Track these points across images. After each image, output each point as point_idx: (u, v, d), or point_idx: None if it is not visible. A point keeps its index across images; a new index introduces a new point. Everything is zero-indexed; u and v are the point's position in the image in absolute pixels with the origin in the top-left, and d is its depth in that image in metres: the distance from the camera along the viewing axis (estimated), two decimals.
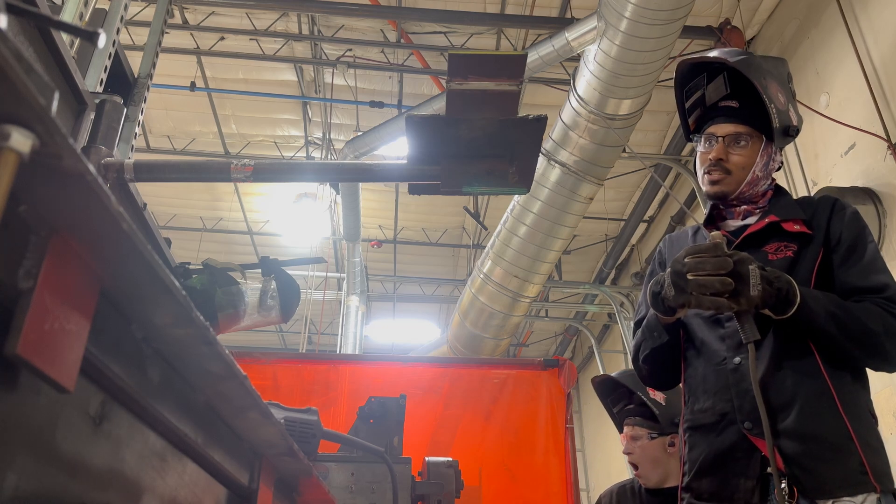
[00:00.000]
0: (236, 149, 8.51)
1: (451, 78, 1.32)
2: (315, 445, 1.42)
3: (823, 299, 1.41)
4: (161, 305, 0.56)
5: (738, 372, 1.47)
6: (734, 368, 1.48)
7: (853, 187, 4.76)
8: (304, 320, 10.34)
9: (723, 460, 1.44)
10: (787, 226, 1.56)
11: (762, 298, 1.35)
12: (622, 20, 4.53)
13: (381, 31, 7.02)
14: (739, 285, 1.34)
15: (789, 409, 1.41)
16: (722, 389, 1.48)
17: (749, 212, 1.67)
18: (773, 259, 1.53)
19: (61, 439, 0.53)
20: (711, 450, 1.46)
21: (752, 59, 1.64)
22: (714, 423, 1.48)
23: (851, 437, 1.37)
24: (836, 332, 1.39)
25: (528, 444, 3.39)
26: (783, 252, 1.54)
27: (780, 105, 1.62)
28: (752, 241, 1.57)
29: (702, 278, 1.36)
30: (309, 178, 1.69)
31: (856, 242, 1.52)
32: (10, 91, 0.34)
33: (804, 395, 1.42)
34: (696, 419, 1.51)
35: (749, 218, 1.67)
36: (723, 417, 1.47)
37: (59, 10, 2.23)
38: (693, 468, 1.49)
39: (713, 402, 1.49)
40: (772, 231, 1.57)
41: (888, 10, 4.66)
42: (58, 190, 0.41)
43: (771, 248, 1.56)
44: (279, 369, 3.51)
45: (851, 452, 1.36)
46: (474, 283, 7.20)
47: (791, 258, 1.52)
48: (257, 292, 1.46)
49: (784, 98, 1.66)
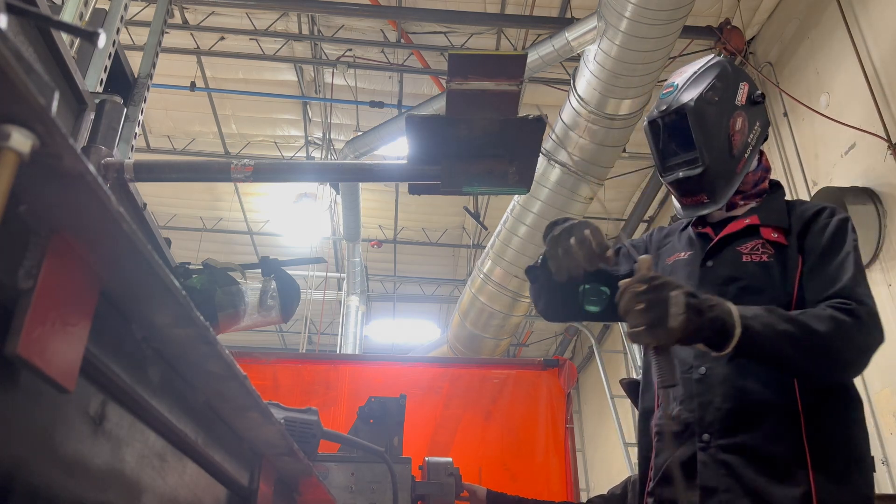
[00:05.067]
0: (236, 149, 8.51)
1: (451, 78, 1.32)
2: (315, 445, 1.42)
3: (769, 317, 1.25)
4: (161, 305, 0.56)
5: (702, 382, 1.39)
6: (699, 379, 1.40)
7: (853, 187, 4.76)
8: (304, 320, 10.34)
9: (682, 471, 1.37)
10: (765, 231, 1.47)
11: (685, 330, 1.14)
12: (622, 20, 4.53)
13: (381, 31, 7.02)
14: (656, 314, 1.14)
15: (749, 426, 1.33)
16: (687, 399, 1.41)
17: (735, 203, 1.57)
18: (747, 261, 1.44)
19: (61, 439, 0.53)
20: (674, 459, 1.40)
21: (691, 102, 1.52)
22: (679, 432, 1.41)
23: (807, 463, 1.27)
24: (791, 351, 1.25)
25: (528, 444, 3.39)
26: (759, 255, 1.44)
27: (720, 94, 1.53)
28: (730, 238, 1.50)
29: (623, 305, 1.18)
30: (309, 178, 1.70)
31: (828, 251, 1.41)
32: (10, 91, 0.34)
33: (767, 412, 1.33)
34: (665, 425, 1.46)
35: (735, 210, 1.58)
36: (686, 427, 1.40)
37: (59, 10, 2.23)
38: (657, 474, 1.44)
39: (680, 410, 1.42)
40: (751, 230, 1.49)
41: (888, 10, 4.66)
42: (58, 190, 0.41)
43: (746, 247, 1.47)
44: (279, 369, 3.51)
45: (799, 481, 1.26)
46: (474, 283, 7.19)
47: (766, 263, 1.43)
48: (257, 292, 1.46)
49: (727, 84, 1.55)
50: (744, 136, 1.53)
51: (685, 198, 1.56)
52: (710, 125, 1.51)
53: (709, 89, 1.52)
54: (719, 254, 1.50)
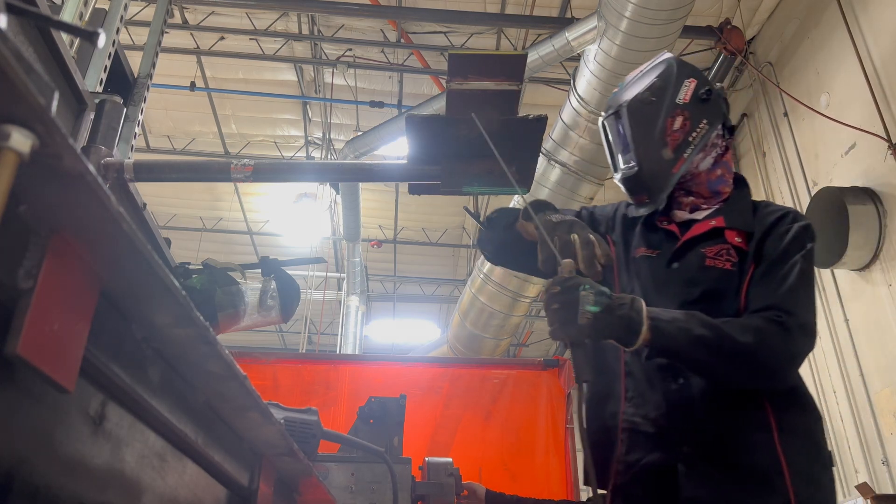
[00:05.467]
0: (236, 149, 8.51)
1: (451, 78, 1.32)
2: (315, 445, 1.42)
3: (687, 322, 1.27)
4: (161, 305, 0.56)
5: (681, 393, 1.38)
6: (677, 389, 1.38)
7: (853, 187, 4.76)
8: (304, 320, 10.34)
9: (655, 478, 1.37)
10: (730, 235, 1.45)
11: (593, 327, 1.19)
12: (622, 20, 4.53)
13: (381, 31, 7.02)
14: (567, 313, 1.19)
15: (723, 440, 1.34)
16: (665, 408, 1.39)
17: (697, 205, 1.55)
18: (710, 265, 1.42)
19: (61, 439, 0.53)
20: (647, 462, 1.38)
21: (626, 102, 1.53)
22: (653, 434, 1.39)
23: (783, 471, 1.29)
24: (707, 356, 1.27)
25: (528, 444, 3.39)
26: (723, 260, 1.43)
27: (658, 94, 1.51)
28: (695, 240, 1.48)
29: (544, 305, 1.23)
30: (309, 178, 1.70)
31: (778, 261, 1.39)
32: (10, 91, 0.34)
33: (740, 425, 1.34)
34: (638, 424, 1.42)
35: (697, 212, 1.55)
36: (661, 433, 1.39)
37: (59, 10, 2.23)
38: (628, 473, 1.42)
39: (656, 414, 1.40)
40: (717, 232, 1.47)
41: (888, 10, 4.66)
42: (58, 190, 0.41)
43: (712, 250, 1.45)
44: (279, 369, 3.51)
45: (778, 490, 1.28)
46: (474, 283, 7.20)
47: (729, 271, 1.41)
48: (257, 292, 1.46)
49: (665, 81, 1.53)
50: (683, 134, 1.50)
51: (631, 196, 1.57)
52: (644, 125, 1.50)
53: (647, 89, 1.52)
54: (684, 256, 1.48)
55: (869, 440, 4.66)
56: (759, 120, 6.35)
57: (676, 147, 1.50)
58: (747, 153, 6.60)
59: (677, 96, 1.52)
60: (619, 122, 1.55)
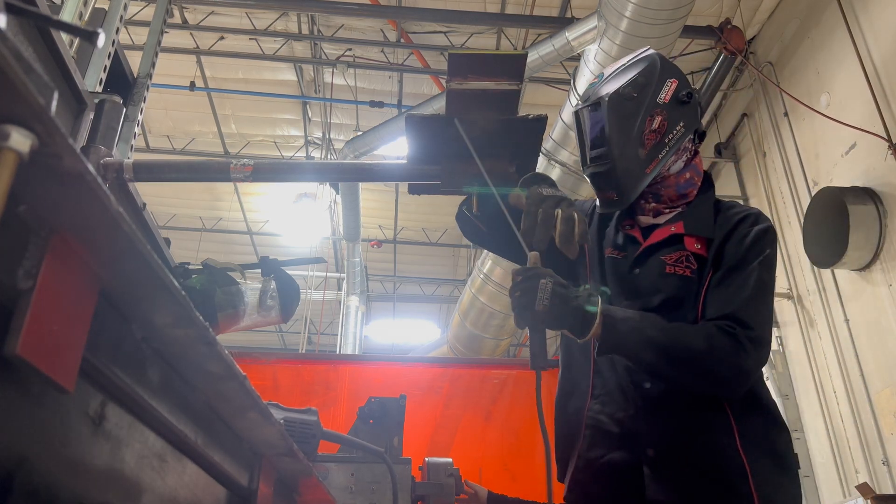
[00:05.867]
0: (236, 149, 8.51)
1: (451, 78, 1.32)
2: (315, 446, 1.42)
3: (640, 323, 1.28)
4: (161, 306, 0.56)
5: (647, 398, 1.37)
6: (644, 394, 1.38)
7: (853, 187, 4.76)
8: (303, 320, 10.34)
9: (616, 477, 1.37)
10: (689, 242, 1.44)
11: (549, 314, 1.21)
12: (622, 20, 4.53)
13: (381, 31, 7.02)
14: (526, 299, 1.21)
15: (686, 444, 1.34)
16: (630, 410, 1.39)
17: (659, 210, 1.54)
18: (670, 272, 1.41)
19: (61, 439, 0.52)
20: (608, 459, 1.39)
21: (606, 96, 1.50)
22: (617, 433, 1.39)
23: (747, 475, 1.30)
24: (656, 358, 1.29)
25: (528, 445, 3.39)
26: (682, 267, 1.42)
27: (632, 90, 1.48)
28: (655, 247, 1.46)
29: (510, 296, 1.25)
30: (309, 178, 1.70)
31: (736, 267, 1.38)
32: (10, 91, 0.34)
33: (703, 429, 1.34)
34: (602, 423, 1.42)
35: (660, 217, 1.54)
36: (625, 433, 1.38)
37: (58, 10, 2.23)
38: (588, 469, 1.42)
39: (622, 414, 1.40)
40: (676, 239, 1.45)
41: (889, 10, 4.66)
42: (57, 190, 0.41)
43: (671, 257, 1.43)
44: (279, 369, 3.51)
45: (743, 495, 1.29)
46: (474, 283, 7.20)
47: (689, 278, 1.40)
48: (257, 292, 1.46)
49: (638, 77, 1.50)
50: (660, 135, 1.47)
51: (598, 192, 1.53)
52: (623, 121, 1.47)
53: (629, 84, 1.48)
54: (645, 262, 1.47)
55: (869, 440, 4.66)
56: (759, 120, 6.35)
57: (652, 147, 1.47)
58: (747, 153, 6.60)
59: (658, 95, 1.49)
60: (596, 115, 1.52)
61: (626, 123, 1.47)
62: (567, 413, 1.51)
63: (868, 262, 4.69)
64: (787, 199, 5.72)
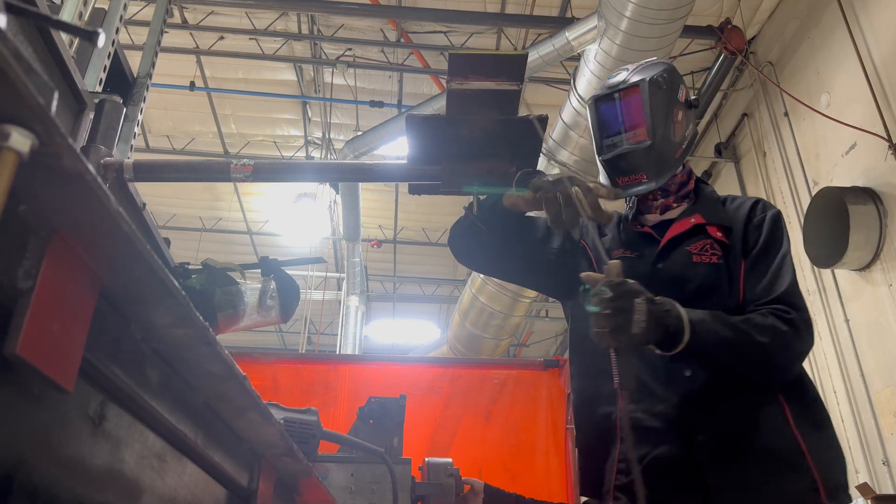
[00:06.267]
0: (236, 149, 8.51)
1: (451, 78, 1.32)
2: (315, 446, 1.42)
3: (713, 324, 1.30)
4: (161, 306, 0.56)
5: (691, 383, 1.37)
6: (686, 380, 1.38)
7: (854, 187, 4.76)
8: (303, 320, 10.34)
9: (669, 470, 1.35)
10: (711, 230, 1.48)
11: (645, 337, 1.21)
12: (623, 20, 4.53)
13: (380, 31, 7.02)
14: (621, 320, 1.19)
15: (739, 426, 1.34)
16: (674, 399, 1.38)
17: (667, 206, 1.58)
18: (698, 261, 1.45)
19: (60, 440, 0.52)
20: (657, 455, 1.36)
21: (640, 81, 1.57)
22: (658, 428, 1.37)
23: (804, 452, 1.31)
24: (728, 356, 1.32)
25: (528, 445, 3.38)
26: (708, 255, 1.45)
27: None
28: (676, 240, 1.50)
29: (591, 307, 1.23)
30: (309, 178, 1.70)
31: (765, 249, 1.44)
32: (10, 91, 0.34)
33: (754, 410, 1.35)
34: (638, 419, 1.39)
35: (669, 212, 1.58)
36: (671, 426, 1.37)
37: (58, 10, 2.23)
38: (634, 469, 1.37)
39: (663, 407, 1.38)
40: (698, 229, 1.49)
41: (889, 10, 4.66)
42: (57, 190, 0.41)
43: (696, 247, 1.47)
44: (279, 369, 3.51)
45: (804, 470, 1.30)
46: (474, 283, 7.20)
47: (717, 265, 1.44)
48: (257, 292, 1.46)
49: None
50: (683, 129, 1.56)
51: (623, 176, 1.54)
52: (661, 105, 1.54)
53: (658, 75, 1.55)
54: (669, 255, 1.49)
55: (869, 440, 4.66)
56: (759, 120, 6.35)
57: (679, 137, 1.55)
58: (747, 153, 6.60)
59: (678, 94, 1.57)
60: (632, 98, 1.55)
61: (662, 107, 1.54)
62: (594, 419, 1.49)
63: (868, 263, 4.69)
64: (787, 199, 5.72)
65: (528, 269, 1.67)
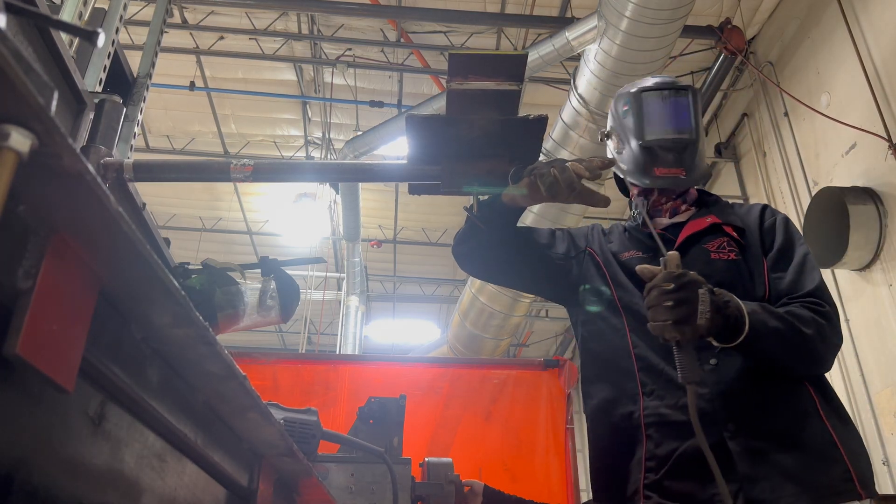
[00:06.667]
0: (236, 148, 8.51)
1: (451, 78, 1.32)
2: (315, 446, 1.42)
3: (765, 314, 1.30)
4: (160, 306, 0.56)
5: (717, 373, 1.37)
6: (712, 370, 1.37)
7: (854, 187, 4.76)
8: (303, 320, 10.34)
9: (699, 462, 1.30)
10: (727, 229, 1.52)
11: (710, 328, 1.19)
12: (623, 19, 4.53)
13: (380, 31, 7.01)
14: (685, 311, 1.17)
15: (769, 416, 1.34)
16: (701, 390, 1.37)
17: (676, 208, 1.62)
18: (716, 258, 1.47)
19: (60, 440, 0.52)
20: (686, 450, 1.34)
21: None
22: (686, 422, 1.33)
23: (836, 443, 1.31)
24: (779, 348, 1.31)
25: (528, 445, 3.38)
26: (726, 252, 1.48)
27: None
28: (692, 238, 1.52)
29: (649, 300, 1.22)
30: (309, 178, 1.69)
31: (786, 246, 1.48)
32: (10, 91, 0.34)
33: (784, 400, 1.35)
34: (663, 415, 1.39)
35: (677, 216, 1.62)
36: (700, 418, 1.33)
37: (58, 10, 2.23)
38: (663, 466, 1.37)
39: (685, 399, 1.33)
40: (714, 228, 1.53)
41: (889, 10, 4.65)
42: (57, 190, 0.41)
43: (713, 245, 1.49)
44: (279, 369, 3.51)
45: (837, 460, 1.30)
46: (474, 283, 7.19)
47: (735, 261, 1.46)
48: (257, 292, 1.46)
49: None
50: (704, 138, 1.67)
51: (663, 167, 1.57)
52: (700, 113, 1.63)
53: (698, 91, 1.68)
54: (686, 253, 1.49)
55: (869, 440, 4.65)
56: (759, 120, 6.35)
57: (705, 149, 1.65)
58: (747, 153, 6.60)
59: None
60: (683, 99, 1.63)
61: (701, 117, 1.67)
62: (614, 421, 1.48)
63: (868, 262, 4.69)
64: (788, 199, 5.72)
65: (532, 274, 1.69)
